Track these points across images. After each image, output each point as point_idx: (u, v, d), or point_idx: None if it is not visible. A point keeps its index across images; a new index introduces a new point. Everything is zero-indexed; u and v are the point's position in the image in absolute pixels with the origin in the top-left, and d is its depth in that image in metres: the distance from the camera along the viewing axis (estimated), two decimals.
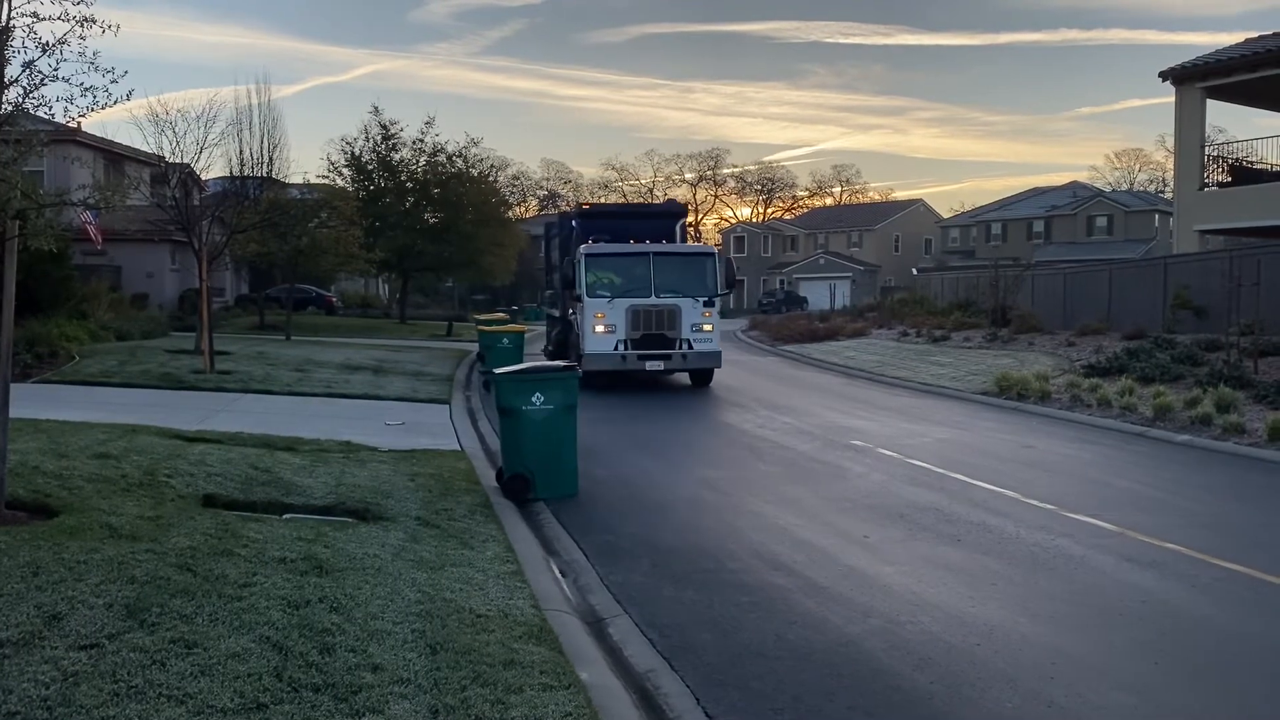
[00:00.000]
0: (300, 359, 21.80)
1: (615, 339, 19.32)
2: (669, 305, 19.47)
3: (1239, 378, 16.90)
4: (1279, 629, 6.42)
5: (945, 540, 8.60)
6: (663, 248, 20.41)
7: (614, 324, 19.32)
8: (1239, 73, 27.62)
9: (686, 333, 19.53)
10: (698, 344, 19.58)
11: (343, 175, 41.33)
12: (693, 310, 19.58)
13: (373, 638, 5.30)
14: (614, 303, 19.36)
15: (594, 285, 19.67)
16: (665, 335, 19.46)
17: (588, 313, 19.42)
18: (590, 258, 19.85)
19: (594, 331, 19.32)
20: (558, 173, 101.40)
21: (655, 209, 26.68)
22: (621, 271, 19.85)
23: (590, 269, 19.76)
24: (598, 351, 19.33)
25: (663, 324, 19.44)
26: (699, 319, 19.64)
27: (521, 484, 9.75)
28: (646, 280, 19.68)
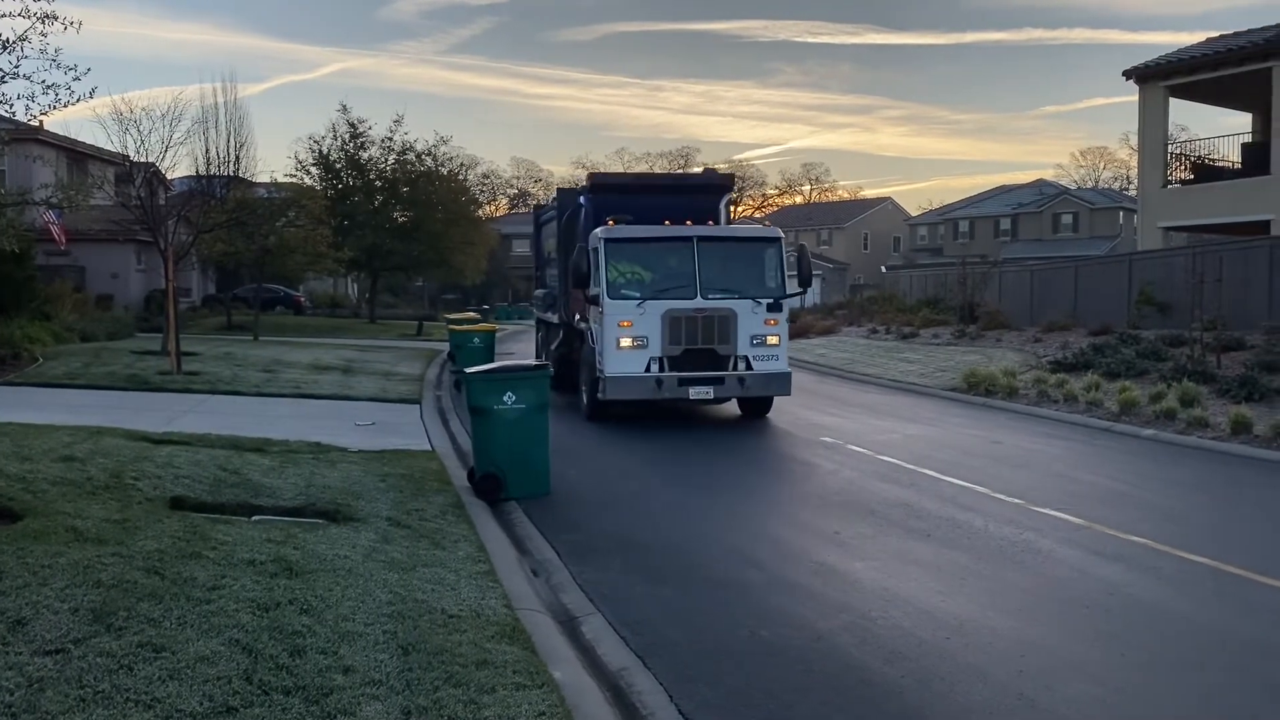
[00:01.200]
0: (268, 359, 21.62)
1: (647, 356, 14.38)
2: (720, 310, 14.53)
3: (1202, 372, 17.13)
4: (1239, 618, 6.52)
5: (915, 535, 8.66)
6: (711, 230, 15.38)
7: (645, 336, 14.37)
8: (1201, 72, 28.01)
9: (744, 347, 14.56)
10: (760, 363, 14.68)
11: (310, 174, 41.07)
12: (752, 316, 14.67)
13: (344, 639, 5.27)
14: (645, 307, 14.40)
15: (617, 283, 14.78)
16: (715, 352, 14.47)
17: (609, 321, 14.48)
18: (612, 244, 14.87)
19: (618, 346, 14.37)
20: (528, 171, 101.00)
21: (690, 181, 18.34)
22: (654, 264, 15.07)
23: (612, 260, 14.84)
24: (623, 374, 14.38)
25: (712, 336, 14.47)
26: (761, 328, 14.69)
27: (493, 483, 9.72)
28: (689, 275, 14.71)
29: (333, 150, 41.41)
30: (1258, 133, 29.42)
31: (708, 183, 17.72)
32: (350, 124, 41.40)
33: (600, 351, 14.75)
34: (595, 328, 15.07)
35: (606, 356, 14.56)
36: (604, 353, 14.62)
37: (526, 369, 10.27)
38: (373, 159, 42.00)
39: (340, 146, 41.50)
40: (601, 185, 16.77)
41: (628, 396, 14.56)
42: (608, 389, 14.50)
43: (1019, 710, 5.16)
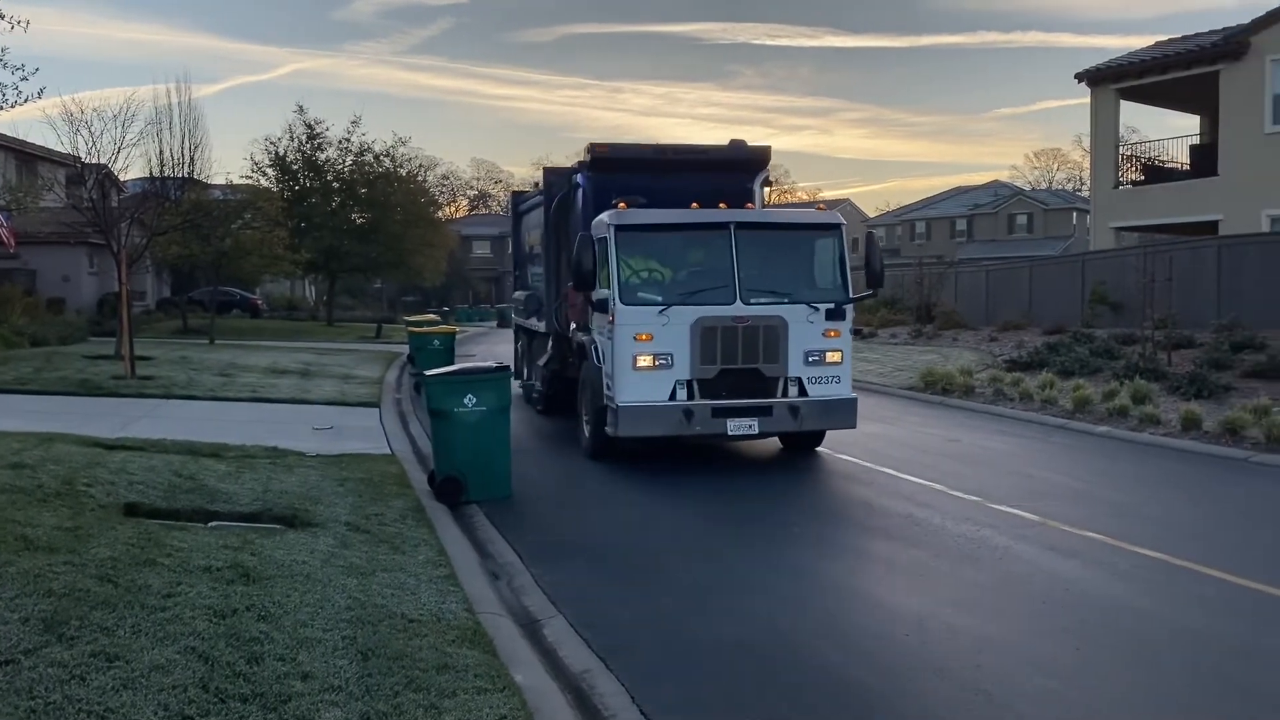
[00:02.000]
0: (225, 363, 21.35)
1: (671, 379, 11.11)
2: (767, 318, 11.22)
3: (1154, 370, 17.43)
4: (1191, 612, 6.64)
5: (875, 533, 8.74)
6: (753, 215, 12.08)
7: (669, 353, 11.07)
8: (1150, 75, 28.54)
9: (797, 366, 11.32)
10: (817, 386, 11.43)
11: (267, 175, 40.58)
12: (807, 326, 11.37)
13: (302, 645, 5.22)
14: (669, 314, 11.08)
15: (632, 284, 11.42)
16: (760, 373, 11.24)
17: (623, 333, 11.16)
18: (625, 233, 11.45)
19: (634, 366, 11.12)
20: (488, 172, 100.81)
21: (714, 155, 13.64)
22: (680, 259, 11.86)
23: (625, 254, 11.45)
24: (640, 402, 11.09)
25: (755, 352, 11.21)
26: (819, 341, 11.43)
27: (454, 486, 9.67)
28: (725, 273, 11.32)
29: (289, 151, 40.97)
30: (1205, 134, 30.03)
31: (738, 157, 13.53)
32: (307, 125, 41.01)
33: (610, 373, 11.33)
34: (602, 341, 11.73)
35: (619, 380, 11.13)
36: (615, 375, 11.16)
37: (486, 371, 10.22)
38: (330, 160, 41.61)
39: (297, 148, 41.07)
40: (604, 161, 12.97)
41: (646, 432, 11.16)
42: (620, 422, 11.06)
43: (977, 705, 5.23)
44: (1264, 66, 25.70)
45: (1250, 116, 26.03)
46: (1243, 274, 21.65)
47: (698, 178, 13.04)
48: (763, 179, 13.91)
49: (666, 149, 13.21)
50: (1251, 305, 20.87)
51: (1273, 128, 25.63)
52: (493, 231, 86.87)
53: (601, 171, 13.02)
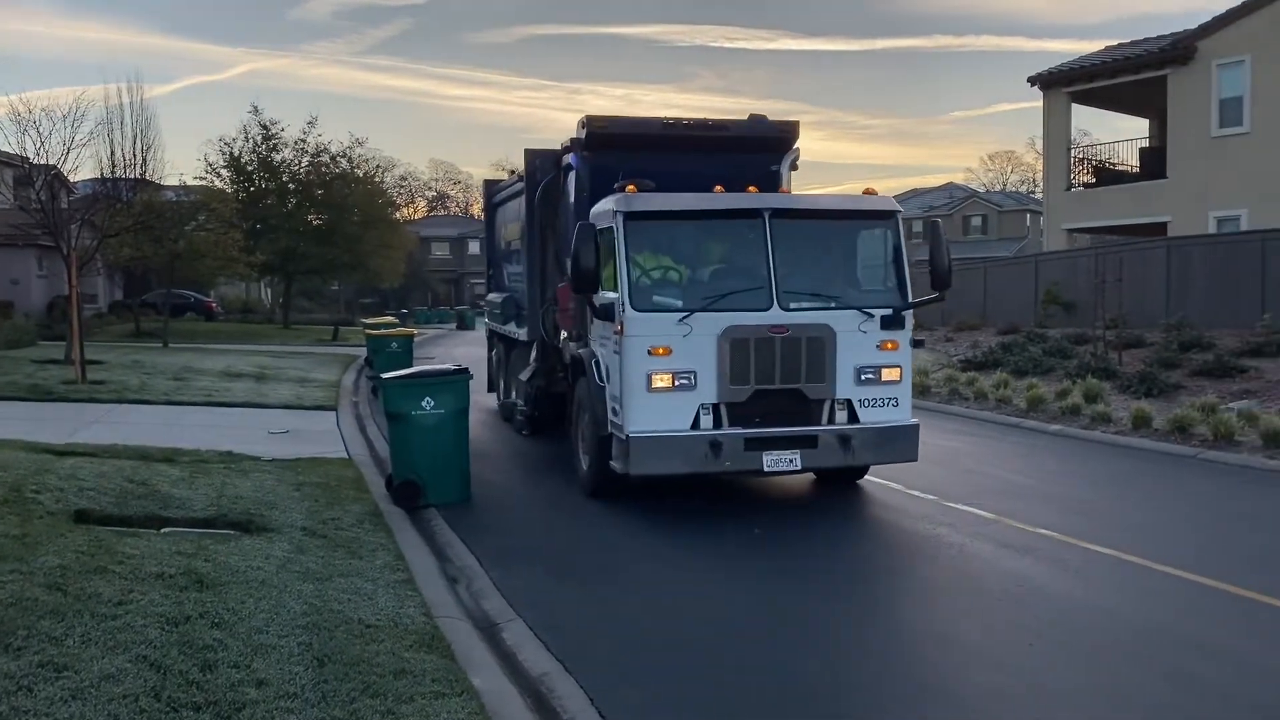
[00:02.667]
0: (178, 367, 21.05)
1: (694, 403, 9.09)
2: (810, 327, 9.22)
3: (1105, 369, 17.74)
4: (1140, 606, 6.76)
5: (833, 532, 8.80)
6: (792, 201, 10.08)
7: (690, 370, 9.06)
8: (1101, 79, 29.04)
9: (846, 386, 9.35)
10: (871, 410, 9.45)
11: (221, 176, 40.06)
12: (859, 337, 9.37)
13: (257, 652, 5.16)
14: (692, 323, 9.05)
15: (645, 285, 9.41)
16: (803, 394, 9.26)
17: (634, 346, 9.11)
18: (635, 221, 9.35)
19: (648, 387, 9.06)
20: (446, 173, 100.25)
21: (734, 131, 11.36)
22: (701, 254, 9.92)
23: (636, 249, 9.40)
24: (657, 431, 9.07)
25: (797, 369, 9.19)
26: (873, 355, 9.45)
27: (412, 490, 9.61)
28: (759, 271, 9.34)
29: (244, 152, 40.48)
30: (1154, 138, 30.59)
31: (763, 134, 11.37)
32: (262, 125, 40.54)
33: (617, 395, 9.29)
34: (605, 354, 9.69)
35: (629, 403, 9.08)
36: (625, 397, 9.13)
37: (445, 373, 10.17)
38: (286, 161, 41.17)
39: (252, 148, 40.59)
40: (601, 137, 10.82)
41: (663, 470, 9.11)
42: (633, 457, 8.99)
43: (932, 700, 5.29)
44: (1210, 71, 26.24)
45: (1197, 120, 26.57)
46: (1190, 274, 22.09)
47: (714, 159, 10.96)
48: (791, 160, 11.50)
49: (677, 123, 11.12)
50: (1199, 305, 21.30)
51: (1219, 131, 26.18)
52: (452, 233, 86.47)
53: (598, 150, 10.87)
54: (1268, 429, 12.38)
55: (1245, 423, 13.08)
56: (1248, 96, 25.58)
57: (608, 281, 9.54)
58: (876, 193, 10.11)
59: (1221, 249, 21.91)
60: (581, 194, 10.91)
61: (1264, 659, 5.82)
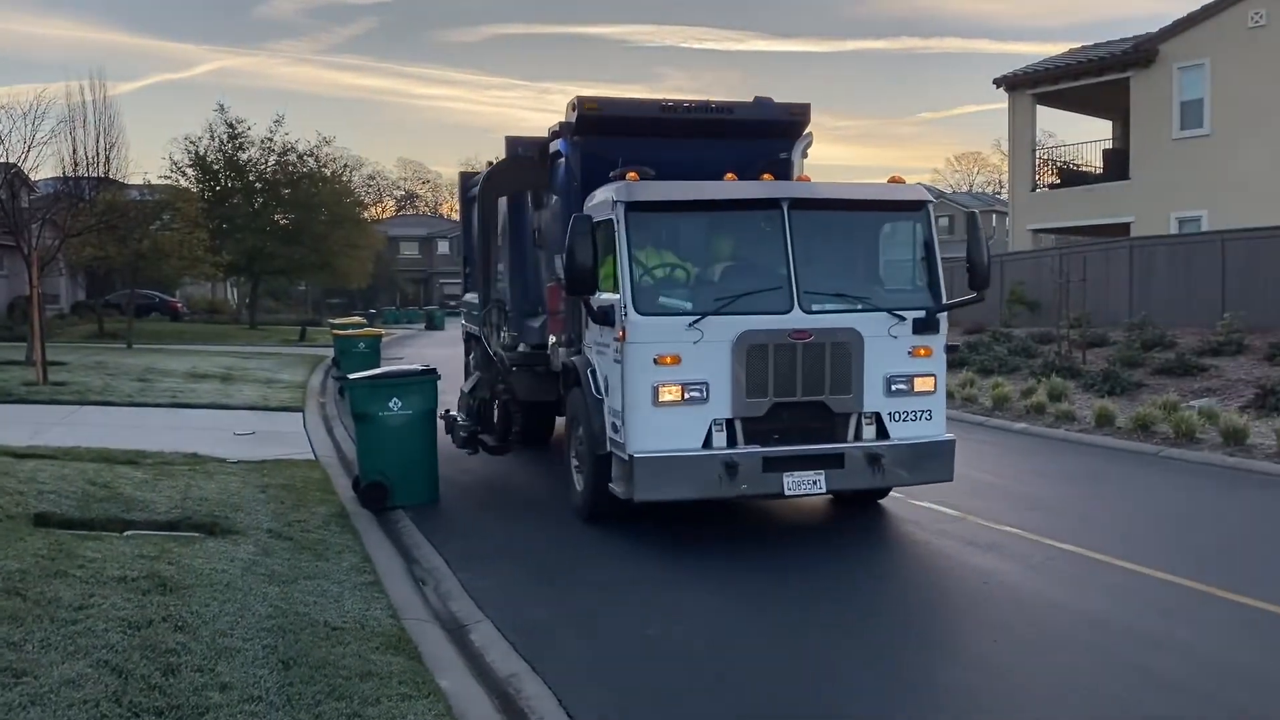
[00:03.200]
0: (142, 368, 20.82)
1: (706, 419, 8.11)
2: (835, 332, 8.27)
3: (1069, 368, 17.95)
4: (1102, 603, 6.85)
5: (798, 532, 8.85)
6: (814, 190, 8.88)
7: (702, 381, 8.08)
8: (1065, 81, 29.37)
9: (875, 398, 8.41)
10: (902, 425, 8.50)
11: (186, 176, 39.75)
12: (889, 344, 8.43)
13: (221, 656, 5.12)
14: (703, 328, 8.07)
15: (648, 285, 8.38)
16: (826, 407, 8.31)
17: (637, 355, 8.12)
18: (638, 213, 8.35)
19: (654, 401, 8.07)
20: (415, 172, 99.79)
21: (742, 114, 10.30)
22: (711, 250, 9.03)
23: (640, 244, 8.41)
24: (664, 451, 8.05)
25: (819, 378, 8.23)
26: (905, 363, 8.49)
27: (379, 492, 9.56)
28: (777, 270, 8.38)
29: (210, 151, 40.16)
30: (1118, 139, 30.98)
31: (774, 118, 10.40)
32: (228, 124, 40.24)
33: (619, 409, 8.29)
34: (604, 363, 8.70)
35: (632, 419, 8.11)
36: (627, 411, 8.14)
37: (412, 374, 10.13)
38: (252, 160, 40.89)
39: (218, 147, 40.28)
40: (594, 121, 9.82)
41: (672, 494, 8.17)
42: (637, 481, 8.00)
43: (900, 696, 5.33)
44: (1172, 74, 26.62)
45: (1159, 122, 26.94)
46: (1153, 274, 22.38)
47: (717, 145, 9.95)
48: (804, 147, 10.50)
49: (676, 105, 10.08)
50: (1161, 304, 21.59)
51: (1180, 133, 26.56)
52: (420, 232, 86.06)
53: (590, 135, 9.87)
54: (1227, 427, 12.57)
55: (1206, 421, 13.28)
56: (1208, 99, 25.97)
57: (606, 281, 8.55)
58: (904, 181, 9.19)
59: (1182, 249, 22.21)
60: (572, 184, 9.90)
61: (1222, 653, 5.92)
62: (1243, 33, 25.23)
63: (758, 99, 10.54)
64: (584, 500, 9.15)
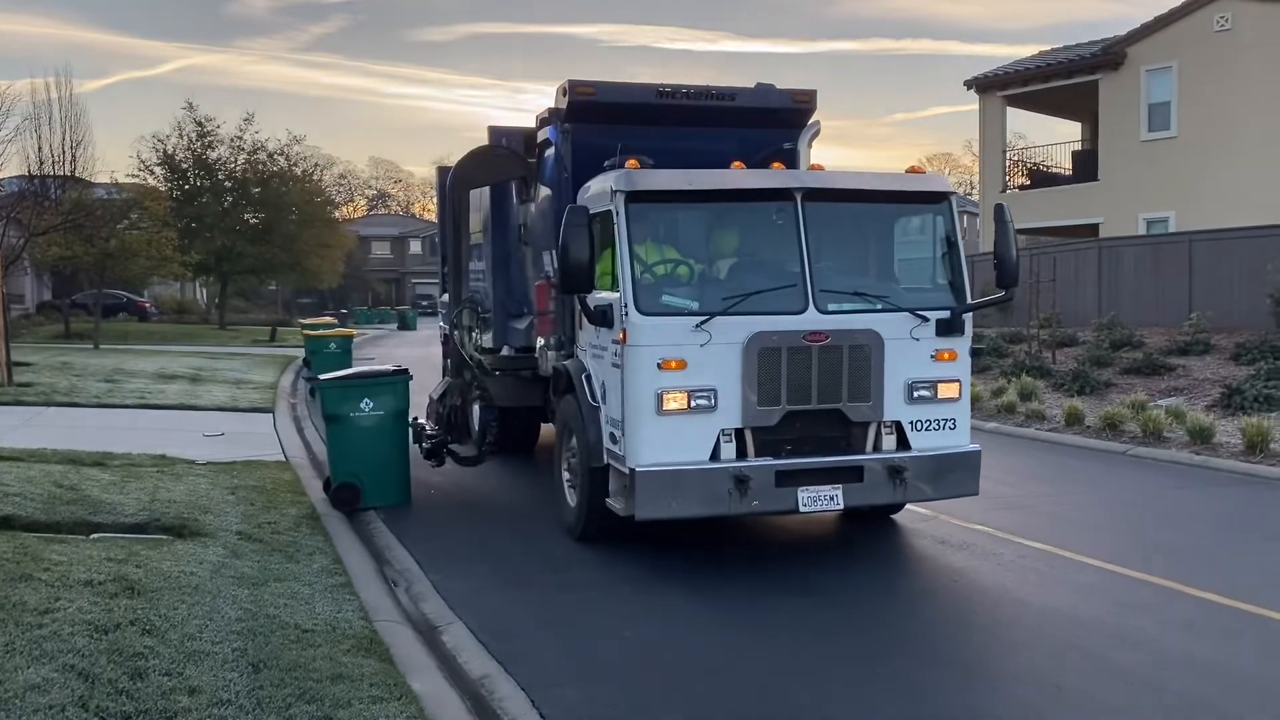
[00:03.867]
0: (110, 369, 20.58)
1: (714, 427, 7.45)
2: (852, 334, 7.62)
3: (1039, 368, 18.12)
4: (1070, 599, 6.91)
5: (771, 533, 8.87)
6: (827, 178, 8.18)
7: (709, 388, 7.41)
8: (1034, 83, 29.65)
9: (895, 406, 7.77)
10: (924, 435, 7.88)
11: (154, 174, 39.31)
12: (911, 347, 7.81)
13: (190, 659, 5.07)
14: (710, 329, 7.40)
15: (649, 283, 7.70)
16: (844, 416, 7.67)
17: (640, 359, 7.43)
18: (639, 204, 7.69)
19: (659, 409, 7.38)
20: (387, 172, 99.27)
21: (745, 101, 9.61)
22: (718, 245, 8.23)
23: (641, 237, 7.77)
24: (669, 464, 7.39)
25: (836, 385, 7.57)
26: (927, 367, 7.88)
27: (350, 493, 9.48)
28: (789, 266, 7.75)
29: (178, 149, 39.75)
30: (1087, 141, 31.29)
31: (773, 105, 9.75)
32: (197, 122, 39.82)
33: (619, 418, 7.62)
34: (599, 368, 8.08)
35: (634, 429, 7.44)
36: (629, 421, 7.47)
37: (384, 374, 10.06)
38: (221, 158, 40.52)
39: (187, 145, 39.87)
40: (588, 107, 9.18)
41: (678, 512, 7.47)
42: (640, 497, 7.33)
43: (875, 687, 5.35)
44: (1139, 76, 26.94)
45: (1127, 124, 27.24)
46: (1121, 274, 22.64)
47: (718, 134, 9.35)
48: (810, 136, 9.85)
49: (677, 91, 9.43)
50: (1129, 304, 21.84)
51: (1148, 135, 26.87)
52: (392, 231, 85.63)
53: (582, 122, 9.19)
54: (1194, 426, 12.73)
55: (1173, 420, 13.44)
56: (1175, 102, 26.30)
57: (603, 278, 7.90)
58: (923, 170, 8.84)
59: (1150, 250, 22.48)
60: (563, 175, 9.20)
61: (1188, 649, 5.99)
62: (1209, 36, 25.56)
63: (760, 85, 9.89)
64: (577, 517, 8.44)
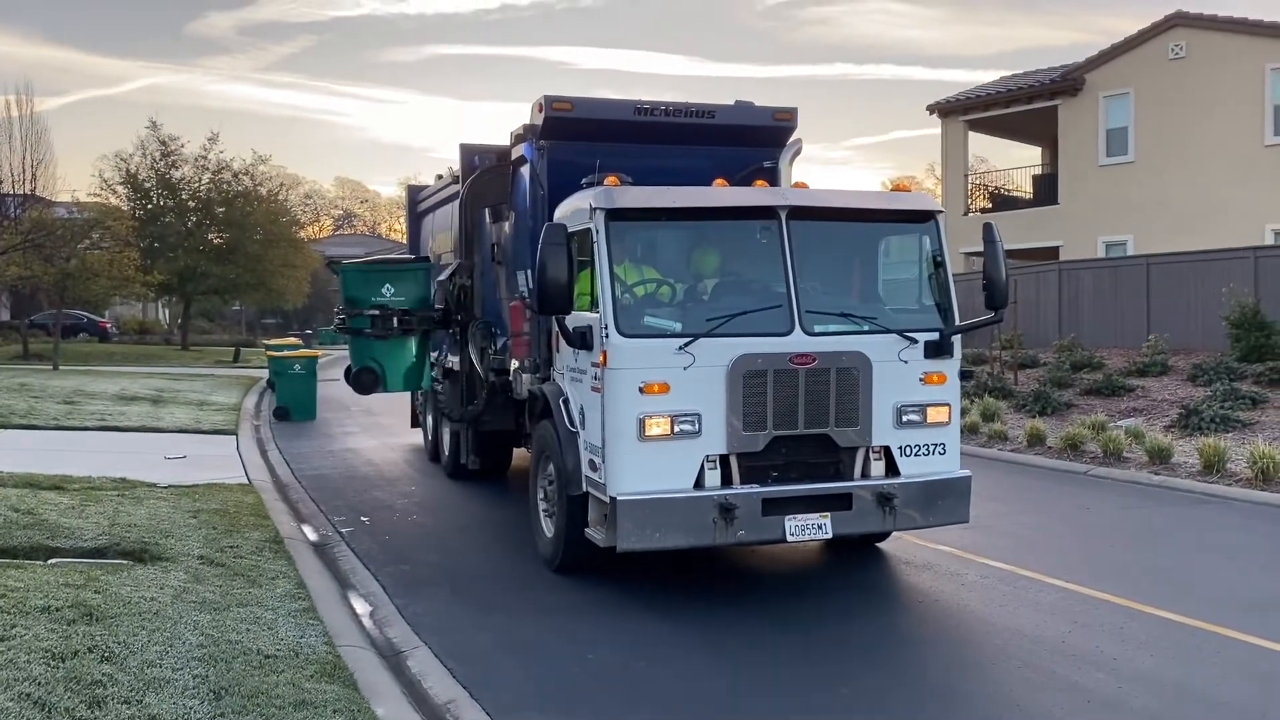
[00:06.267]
0: (69, 390, 20.30)
1: (699, 454, 7.20)
2: (840, 356, 7.43)
3: (1002, 389, 18.33)
4: (1031, 618, 6.98)
5: (735, 554, 8.90)
6: (812, 198, 7.94)
7: (693, 412, 7.16)
8: (996, 108, 30.11)
9: (884, 430, 7.59)
10: (913, 460, 7.69)
11: (117, 193, 38.95)
12: (899, 369, 7.62)
13: (149, 686, 5.00)
14: (695, 350, 7.17)
15: (630, 302, 7.49)
16: (831, 441, 7.47)
17: (620, 382, 7.16)
18: (620, 221, 7.48)
19: (641, 434, 7.11)
20: (353, 191, 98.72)
21: (725, 118, 9.43)
22: (700, 265, 8.02)
23: (621, 257, 7.52)
24: (652, 492, 7.09)
25: (824, 409, 7.37)
26: (916, 391, 7.69)
27: (370, 377, 9.95)
28: (774, 286, 7.58)
29: (141, 168, 39.41)
30: (1047, 165, 31.82)
31: (753, 123, 9.57)
32: (161, 141, 39.54)
33: (599, 445, 7.35)
34: (578, 392, 7.83)
35: (614, 455, 7.17)
36: (609, 447, 7.20)
37: (405, 262, 11.16)
38: (185, 178, 40.21)
39: (150, 165, 39.54)
40: (565, 124, 9.01)
41: (661, 543, 7.14)
42: (622, 527, 7.04)
43: (832, 708, 5.38)
44: (1098, 102, 27.46)
45: (1086, 149, 27.74)
46: (1081, 297, 22.98)
47: (698, 152, 9.23)
48: (792, 154, 9.55)
49: (656, 108, 9.22)
50: (1089, 326, 22.17)
51: (1106, 160, 27.37)
52: (358, 251, 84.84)
53: (559, 139, 9.00)
54: (1153, 446, 12.92)
55: (1132, 440, 13.64)
56: (1132, 127, 26.82)
57: (582, 299, 7.66)
58: (909, 189, 8.77)
59: (1109, 273, 22.85)
60: (539, 192, 8.97)
61: (1149, 668, 6.07)
62: (1164, 64, 26.12)
63: (739, 102, 9.75)
64: (554, 549, 8.15)
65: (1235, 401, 15.19)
